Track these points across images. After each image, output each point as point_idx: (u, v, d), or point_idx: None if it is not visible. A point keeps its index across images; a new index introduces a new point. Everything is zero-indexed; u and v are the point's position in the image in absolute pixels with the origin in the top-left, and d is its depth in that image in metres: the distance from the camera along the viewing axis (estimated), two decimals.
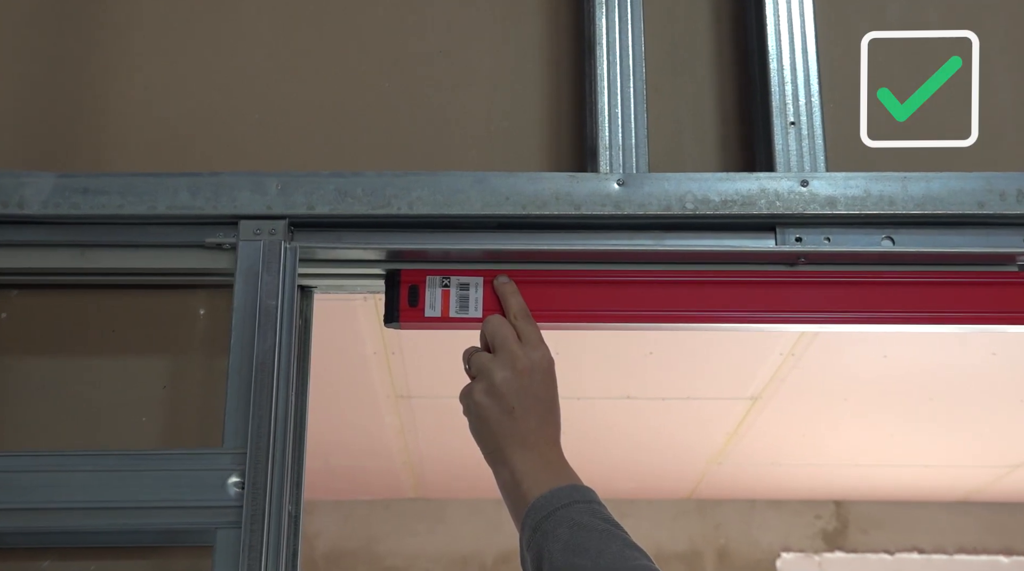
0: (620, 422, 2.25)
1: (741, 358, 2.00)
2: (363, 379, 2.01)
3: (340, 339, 1.84)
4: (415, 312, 0.83)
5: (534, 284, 0.83)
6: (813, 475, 2.56)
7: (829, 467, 2.50)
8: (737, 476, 2.55)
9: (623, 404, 2.17)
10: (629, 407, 2.18)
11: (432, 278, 0.83)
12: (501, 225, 0.84)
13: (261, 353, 0.78)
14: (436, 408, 2.17)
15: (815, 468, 2.51)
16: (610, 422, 2.24)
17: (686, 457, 2.47)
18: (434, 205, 0.82)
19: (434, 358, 1.93)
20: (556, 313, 0.83)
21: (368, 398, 2.10)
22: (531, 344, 0.78)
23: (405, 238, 0.83)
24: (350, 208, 0.82)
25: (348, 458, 2.42)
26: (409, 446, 2.38)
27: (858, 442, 2.35)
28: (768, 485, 2.63)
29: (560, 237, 0.84)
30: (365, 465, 2.47)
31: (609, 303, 0.83)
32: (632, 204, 0.82)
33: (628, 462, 2.47)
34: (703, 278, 0.83)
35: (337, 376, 1.97)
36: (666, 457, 2.47)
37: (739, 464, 2.48)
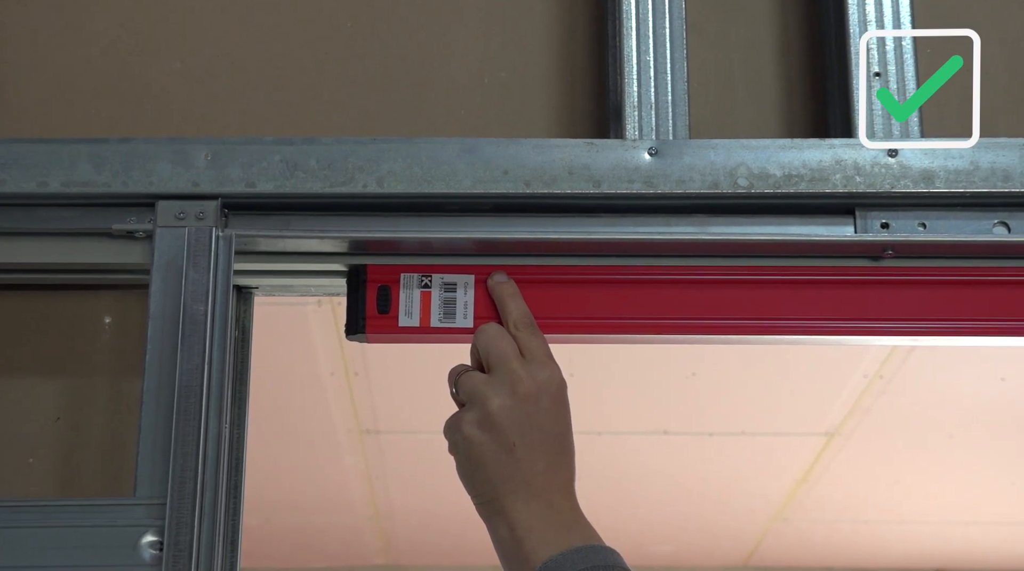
0: (654, 465, 2.26)
1: (812, 382, 2.00)
2: (318, 409, 2.02)
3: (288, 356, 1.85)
4: (386, 320, 0.83)
5: (540, 284, 0.84)
6: (908, 535, 2.57)
7: (929, 525, 2.52)
8: (808, 536, 2.57)
9: (658, 441, 2.18)
10: (666, 445, 2.19)
11: (408, 276, 0.84)
12: (498, 207, 0.84)
13: (185, 374, 0.79)
14: (412, 447, 2.17)
15: (910, 526, 2.52)
16: (641, 464, 2.26)
17: (741, 511, 2.48)
18: (411, 181, 0.83)
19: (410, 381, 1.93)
20: (569, 322, 0.84)
21: (324, 433, 2.11)
22: (537, 362, 0.78)
23: (373, 224, 0.84)
24: (301, 185, 0.83)
25: (298, 512, 2.43)
26: (377, 496, 2.39)
27: (967, 492, 2.36)
28: (849, 548, 2.63)
29: (574, 223, 0.84)
30: (320, 522, 2.48)
31: (638, 309, 0.83)
32: (668, 180, 0.83)
33: (664, 517, 2.49)
34: (760, 277, 0.84)
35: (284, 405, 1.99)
36: (715, 511, 2.48)
37: (811, 520, 2.50)
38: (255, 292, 0.88)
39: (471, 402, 0.78)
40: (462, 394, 0.79)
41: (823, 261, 0.83)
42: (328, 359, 1.89)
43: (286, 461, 2.21)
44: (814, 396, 2.04)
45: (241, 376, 0.86)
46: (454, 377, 0.80)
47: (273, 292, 0.89)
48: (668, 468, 2.28)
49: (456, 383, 0.80)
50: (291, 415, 2.03)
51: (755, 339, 0.84)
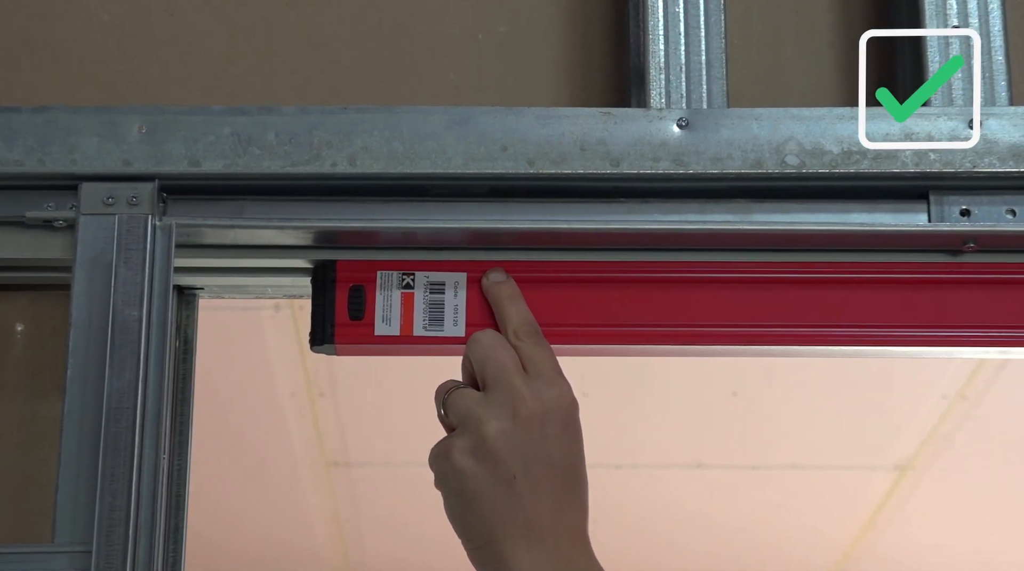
0: (686, 505, 2.26)
1: (879, 404, 2.00)
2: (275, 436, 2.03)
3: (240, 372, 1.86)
4: (359, 328, 0.84)
5: (546, 284, 0.84)
6: None
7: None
8: None
9: (691, 476, 2.17)
10: (700, 481, 2.19)
11: (386, 275, 0.84)
12: (495, 191, 0.85)
13: (115, 394, 0.79)
14: (389, 482, 2.18)
15: None
16: (669, 504, 2.25)
17: (794, 561, 2.46)
18: (389, 159, 0.83)
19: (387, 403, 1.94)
20: (581, 329, 0.84)
21: (283, 466, 2.12)
22: (543, 377, 0.78)
23: (344, 211, 0.84)
24: (257, 164, 0.83)
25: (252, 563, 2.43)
26: (347, 543, 2.40)
27: None
28: None
29: (587, 210, 0.85)
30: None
31: (664, 314, 0.83)
32: (701, 157, 0.83)
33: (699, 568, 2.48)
34: (813, 275, 0.84)
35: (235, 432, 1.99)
36: (761, 561, 2.47)
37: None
38: (200, 294, 0.89)
39: (463, 426, 0.78)
40: (452, 416, 0.79)
41: (890, 256, 0.84)
42: (288, 376, 1.89)
43: (237, 500, 2.20)
44: (882, 421, 2.03)
45: (183, 397, 0.87)
46: (442, 396, 0.80)
47: (222, 294, 0.89)
48: (703, 509, 2.27)
49: (445, 403, 0.80)
50: (243, 444, 2.03)
51: (808, 351, 0.83)
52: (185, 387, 0.87)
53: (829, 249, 0.84)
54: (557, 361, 0.80)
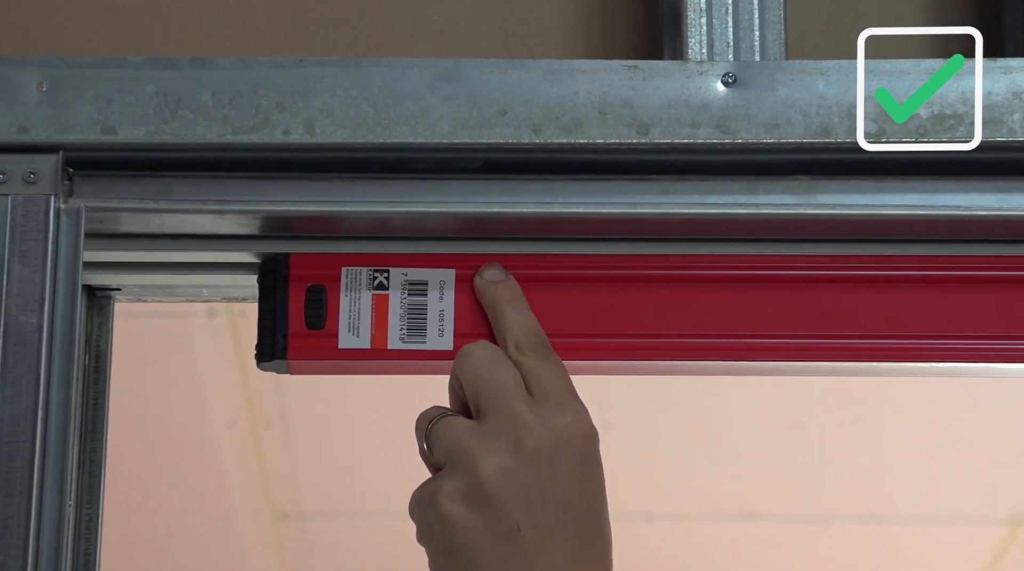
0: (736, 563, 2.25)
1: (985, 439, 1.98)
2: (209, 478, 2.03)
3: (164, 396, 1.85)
4: (318, 339, 0.84)
5: (556, 284, 0.85)
6: None
7: None
8: None
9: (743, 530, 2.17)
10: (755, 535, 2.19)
11: (353, 272, 0.85)
12: (491, 166, 0.84)
13: (8, 423, 0.79)
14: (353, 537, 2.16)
15: None
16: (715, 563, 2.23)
17: None
18: (357, 125, 0.82)
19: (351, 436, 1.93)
20: (601, 341, 0.84)
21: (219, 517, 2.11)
22: (552, 401, 0.79)
23: (299, 191, 0.84)
24: (188, 131, 0.82)
25: None
26: None
27: None
28: None
29: (608, 190, 0.84)
30: None
31: (706, 322, 0.83)
32: (753, 123, 0.83)
33: None
34: (899, 271, 0.84)
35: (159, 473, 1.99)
36: None
37: None
38: (116, 296, 0.89)
39: (453, 464, 0.78)
40: (438, 452, 0.79)
41: (997, 248, 0.84)
42: (225, 401, 1.89)
43: (160, 560, 2.19)
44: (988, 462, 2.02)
45: (94, 427, 0.87)
46: (425, 426, 0.80)
47: (143, 296, 0.90)
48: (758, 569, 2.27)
49: (429, 435, 0.80)
50: (169, 489, 2.03)
51: (891, 368, 0.83)
52: (97, 415, 0.87)
53: (917, 239, 0.85)
54: (570, 380, 0.81)
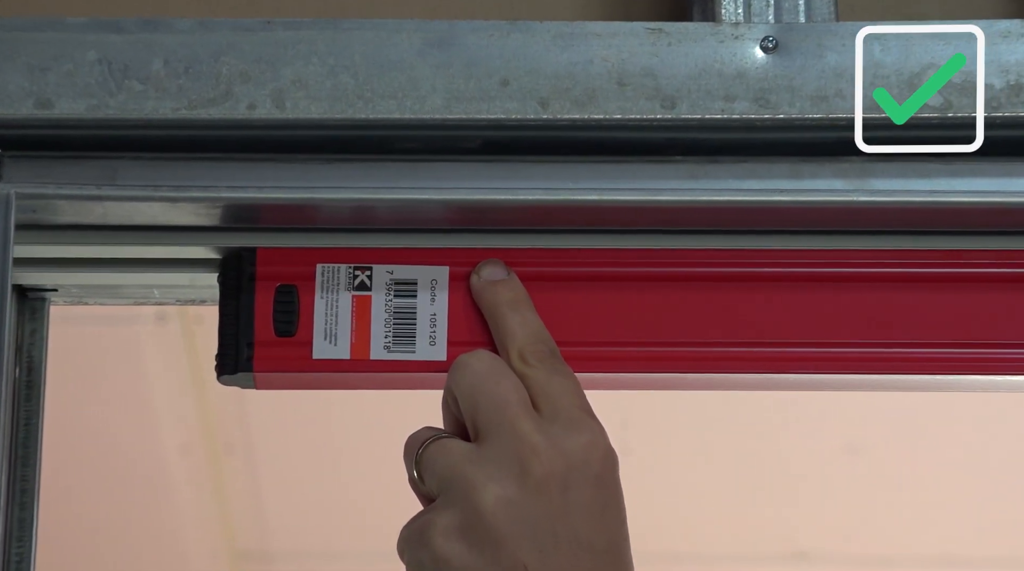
0: None
1: None
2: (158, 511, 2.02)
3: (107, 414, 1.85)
4: (289, 348, 0.85)
5: (567, 283, 0.85)
6: None
7: None
8: None
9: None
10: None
11: (331, 269, 0.85)
12: (491, 146, 0.85)
13: None
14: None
15: None
16: None
17: None
18: (335, 99, 0.83)
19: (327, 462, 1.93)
20: (621, 350, 0.85)
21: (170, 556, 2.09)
22: (563, 419, 0.80)
23: (267, 175, 0.84)
24: (137, 105, 0.83)
25: None
26: None
27: None
28: None
29: (627, 173, 0.85)
30: None
31: (744, 328, 0.84)
32: (797, 96, 0.83)
33: None
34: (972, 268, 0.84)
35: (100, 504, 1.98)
36: None
37: None
38: (51, 298, 0.89)
39: (447, 494, 0.79)
40: (430, 480, 0.80)
41: None
42: (178, 421, 1.89)
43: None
44: None
45: (26, 452, 0.87)
46: (416, 450, 0.81)
47: (84, 298, 0.90)
48: None
49: (419, 461, 0.81)
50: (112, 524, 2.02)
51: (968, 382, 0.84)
52: (28, 437, 0.87)
53: (987, 231, 0.85)
54: (584, 395, 0.81)
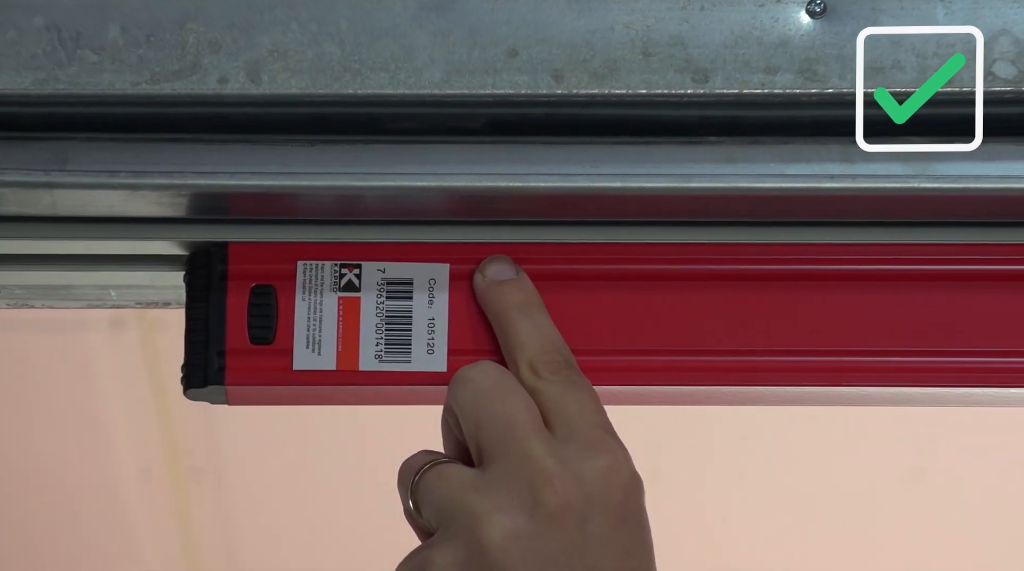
0: None
1: None
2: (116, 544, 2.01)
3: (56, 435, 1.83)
4: (267, 358, 0.86)
5: (585, 283, 0.87)
6: None
7: None
8: None
9: None
10: None
11: (313, 267, 0.86)
12: (497, 125, 0.85)
13: None
14: None
15: None
16: None
17: None
18: (318, 71, 0.83)
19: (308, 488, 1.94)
20: (646, 361, 0.86)
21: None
22: (580, 439, 0.81)
23: (241, 159, 0.84)
24: (91, 79, 0.83)
25: None
26: None
27: None
28: None
29: (654, 156, 0.85)
30: None
31: (789, 334, 0.86)
32: (849, 67, 0.84)
33: None
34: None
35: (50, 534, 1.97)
36: None
37: None
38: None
39: (448, 527, 0.80)
40: (428, 511, 0.81)
41: None
42: (136, 443, 1.90)
43: None
44: None
45: None
46: (412, 477, 0.82)
47: (28, 301, 0.92)
48: None
49: (416, 489, 0.82)
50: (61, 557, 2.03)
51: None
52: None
53: None
54: (604, 412, 0.83)
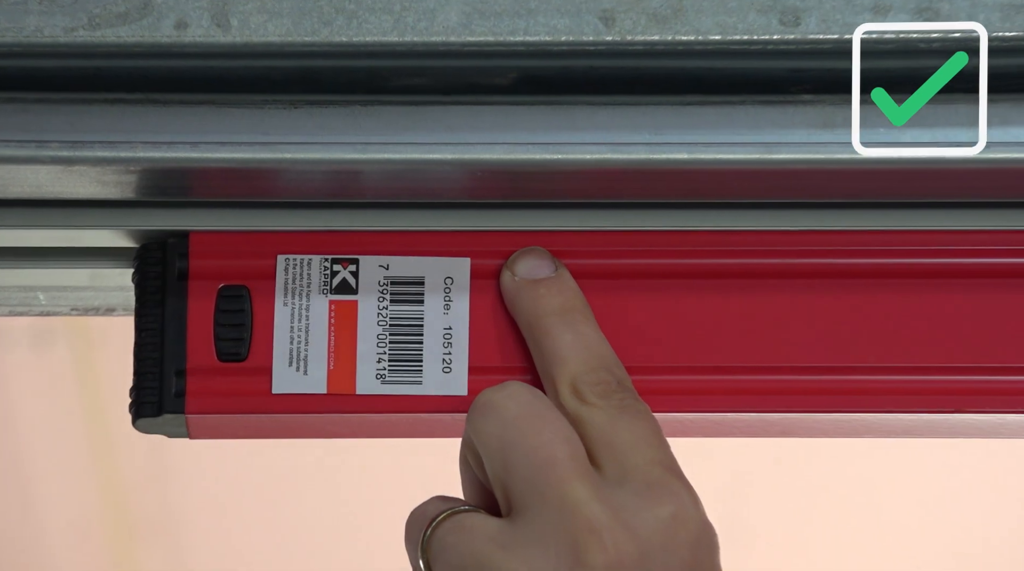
0: None
1: None
2: None
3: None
4: (238, 379, 0.87)
5: (642, 282, 0.89)
6: None
7: None
8: None
9: None
10: None
11: (297, 263, 0.88)
12: (529, 82, 0.86)
13: None
14: None
15: None
16: None
17: None
18: (302, 13, 0.84)
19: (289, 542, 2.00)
20: (723, 382, 0.88)
21: None
22: (637, 481, 0.83)
23: (203, 125, 0.85)
24: (13, 24, 0.83)
25: None
26: None
27: None
28: None
29: (732, 119, 0.86)
30: None
31: (919, 346, 0.89)
32: (981, 6, 0.85)
33: None
34: None
35: None
36: None
37: None
38: None
39: None
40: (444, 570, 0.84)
41: None
42: (66, 488, 1.93)
43: None
44: None
45: None
46: (423, 530, 0.84)
47: None
48: None
49: (428, 544, 0.83)
50: None
51: None
52: None
53: None
54: (667, 446, 0.84)
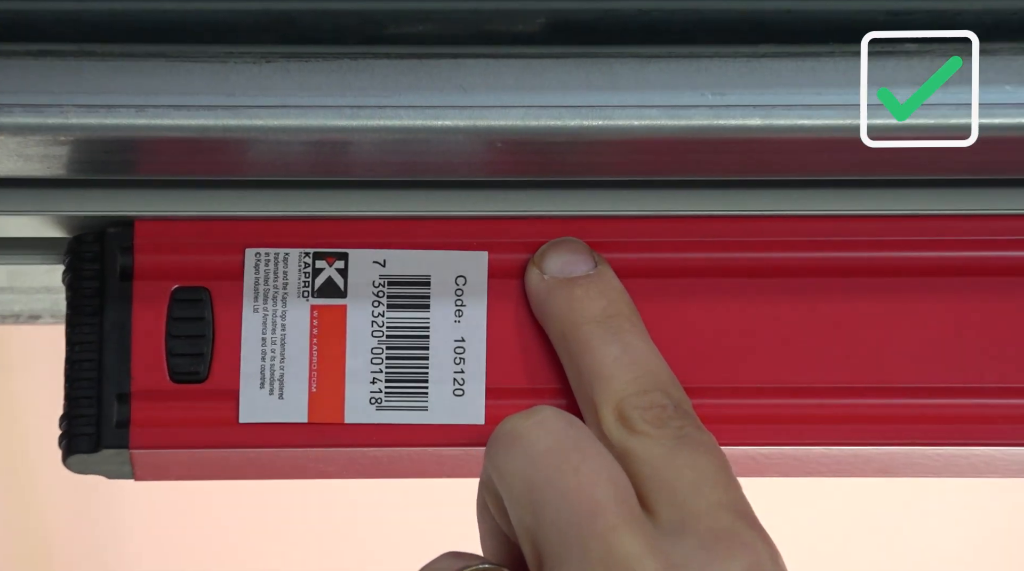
0: None
1: None
2: None
3: None
4: (195, 405, 0.87)
5: (707, 281, 0.90)
6: None
7: None
8: None
9: None
10: None
11: (269, 257, 0.89)
12: (561, 30, 0.88)
13: None
14: None
15: None
16: None
17: None
18: None
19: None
20: (807, 408, 0.89)
21: None
22: (699, 529, 0.84)
23: (154, 84, 0.86)
24: None
25: None
26: None
27: None
28: None
29: (818, 76, 0.88)
30: None
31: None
32: None
33: None
34: None
35: None
36: None
37: None
38: None
39: None
40: None
41: None
42: None
43: None
44: None
45: None
46: None
47: None
48: None
49: None
50: None
51: None
52: None
53: None
54: (739, 487, 0.86)
